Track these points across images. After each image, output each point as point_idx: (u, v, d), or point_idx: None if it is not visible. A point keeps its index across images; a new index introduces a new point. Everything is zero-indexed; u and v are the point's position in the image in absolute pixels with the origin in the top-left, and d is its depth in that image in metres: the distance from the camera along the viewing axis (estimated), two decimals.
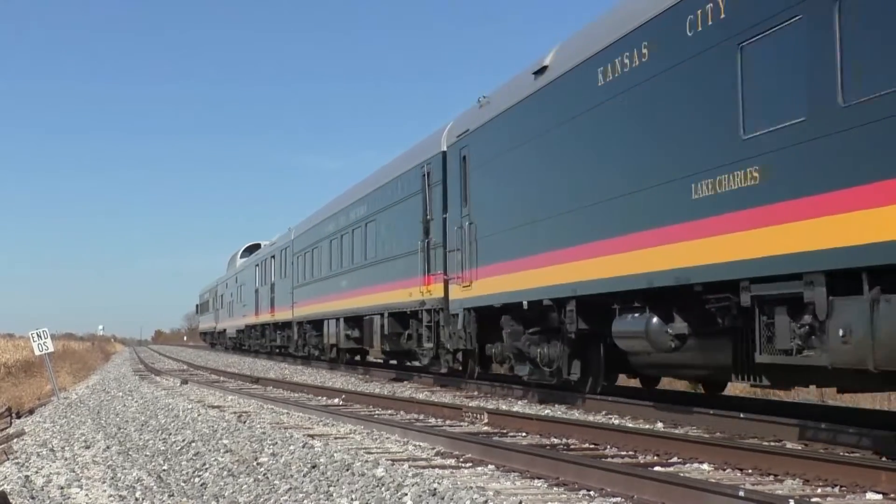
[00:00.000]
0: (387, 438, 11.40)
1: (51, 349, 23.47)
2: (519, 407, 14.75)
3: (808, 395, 17.29)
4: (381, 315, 23.53)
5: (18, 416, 20.24)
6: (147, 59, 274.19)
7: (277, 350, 42.44)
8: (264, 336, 44.48)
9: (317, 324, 32.45)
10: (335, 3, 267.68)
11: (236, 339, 56.12)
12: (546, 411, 13.92)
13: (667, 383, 18.18)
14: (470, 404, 14.61)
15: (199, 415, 15.12)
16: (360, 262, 26.05)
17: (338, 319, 28.63)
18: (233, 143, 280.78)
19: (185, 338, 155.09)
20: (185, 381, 25.57)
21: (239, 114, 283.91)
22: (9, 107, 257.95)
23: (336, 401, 17.49)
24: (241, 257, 55.59)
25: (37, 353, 23.84)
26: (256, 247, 52.84)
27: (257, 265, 45.88)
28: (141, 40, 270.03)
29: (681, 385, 19.03)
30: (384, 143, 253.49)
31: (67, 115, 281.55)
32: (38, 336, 23.03)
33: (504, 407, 14.55)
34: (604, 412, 13.50)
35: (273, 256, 41.38)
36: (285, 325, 38.63)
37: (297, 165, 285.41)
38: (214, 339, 72.64)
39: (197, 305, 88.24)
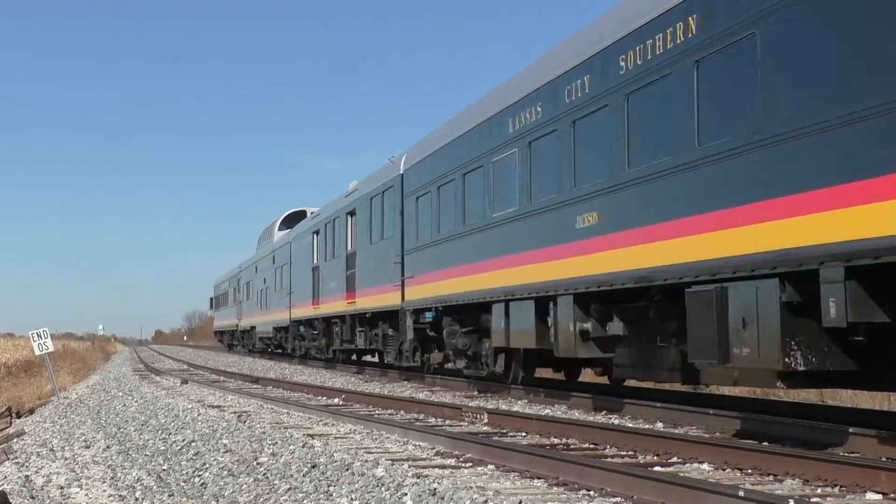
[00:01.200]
0: (387, 438, 11.40)
1: (51, 349, 23.45)
2: (519, 407, 14.74)
3: (807, 395, 17.29)
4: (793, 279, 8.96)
5: (18, 416, 20.24)
6: (147, 59, 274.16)
7: (360, 357, 29.31)
8: (330, 335, 29.96)
9: (466, 312, 17.99)
10: (336, 3, 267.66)
11: (272, 340, 41.59)
12: (546, 411, 13.92)
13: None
14: (470, 404, 14.60)
15: (199, 414, 15.12)
16: (669, 161, 10.99)
17: (551, 300, 14.01)
18: (232, 143, 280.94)
19: (185, 338, 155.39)
20: (185, 381, 25.56)
21: (238, 114, 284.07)
22: (9, 107, 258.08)
23: (336, 400, 17.48)
24: (281, 229, 41.86)
25: (37, 352, 23.82)
26: (301, 215, 39.85)
27: (316, 232, 31.53)
28: (142, 40, 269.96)
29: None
30: (384, 144, 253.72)
31: (67, 115, 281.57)
32: (38, 336, 23.02)
33: (504, 407, 14.55)
34: (603, 412, 13.51)
35: (351, 213, 26.88)
36: (382, 317, 23.83)
37: (298, 165, 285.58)
38: (235, 340, 57.96)
39: (211, 299, 72.15)
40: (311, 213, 36.38)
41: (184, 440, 12.23)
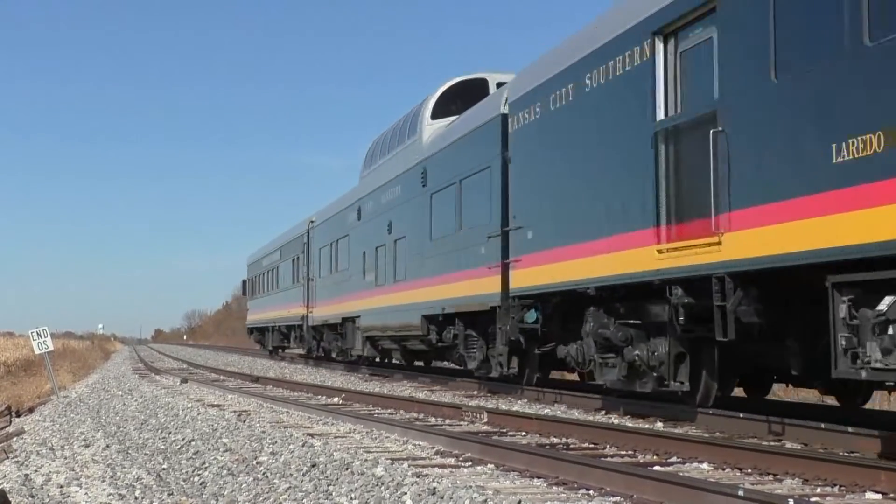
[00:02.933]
0: (386, 437, 11.40)
1: (50, 348, 23.43)
2: (518, 406, 14.74)
3: (807, 394, 17.27)
4: None
5: (18, 415, 20.22)
6: (149, 61, 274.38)
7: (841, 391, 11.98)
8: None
9: None
10: (337, 4, 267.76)
11: (414, 343, 22.74)
12: (546, 410, 13.92)
13: None
14: (470, 403, 14.60)
15: (198, 413, 15.12)
16: None
17: None
18: (232, 143, 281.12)
19: (184, 337, 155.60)
20: (184, 380, 25.56)
21: (239, 115, 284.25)
22: (11, 107, 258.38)
23: (336, 400, 17.48)
24: (438, 116, 21.46)
25: (36, 351, 23.80)
26: (477, 86, 21.05)
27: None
28: (144, 41, 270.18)
29: None
30: None
31: (67, 116, 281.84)
32: (38, 335, 23.00)
33: (504, 406, 14.55)
34: (603, 412, 13.52)
35: None
36: None
37: (299, 165, 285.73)
38: (294, 341, 37.81)
39: (244, 282, 53.45)
40: (498, 82, 20.40)
41: (183, 439, 12.22)
